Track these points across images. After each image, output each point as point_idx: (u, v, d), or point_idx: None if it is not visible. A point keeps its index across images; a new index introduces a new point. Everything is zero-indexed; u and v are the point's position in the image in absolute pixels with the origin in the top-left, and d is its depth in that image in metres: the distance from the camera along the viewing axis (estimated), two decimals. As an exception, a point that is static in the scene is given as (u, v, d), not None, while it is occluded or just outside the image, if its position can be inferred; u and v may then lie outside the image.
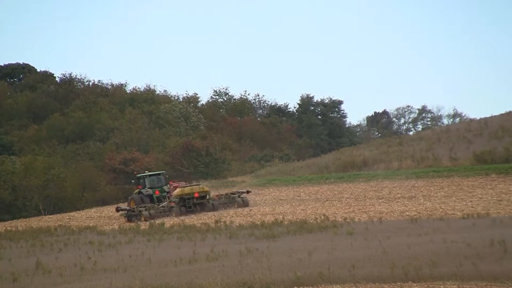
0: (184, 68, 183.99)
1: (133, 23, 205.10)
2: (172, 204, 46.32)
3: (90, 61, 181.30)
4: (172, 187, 49.54)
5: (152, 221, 42.18)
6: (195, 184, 49.36)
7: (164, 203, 47.90)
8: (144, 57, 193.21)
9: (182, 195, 46.16)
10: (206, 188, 47.92)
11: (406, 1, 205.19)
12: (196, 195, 46.25)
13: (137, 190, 51.48)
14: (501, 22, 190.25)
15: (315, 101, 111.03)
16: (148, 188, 50.92)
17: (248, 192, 49.16)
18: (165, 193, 50.03)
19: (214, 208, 46.04)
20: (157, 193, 50.48)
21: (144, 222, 43.31)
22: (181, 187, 47.53)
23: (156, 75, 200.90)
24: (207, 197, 47.09)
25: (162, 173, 53.73)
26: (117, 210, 47.92)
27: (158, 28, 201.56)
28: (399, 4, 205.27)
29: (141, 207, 46.36)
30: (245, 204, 46.84)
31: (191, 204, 45.98)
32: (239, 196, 47.74)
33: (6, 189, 62.10)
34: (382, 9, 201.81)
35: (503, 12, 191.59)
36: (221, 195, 48.97)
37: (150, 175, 52.45)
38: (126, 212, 46.97)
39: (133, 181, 54.00)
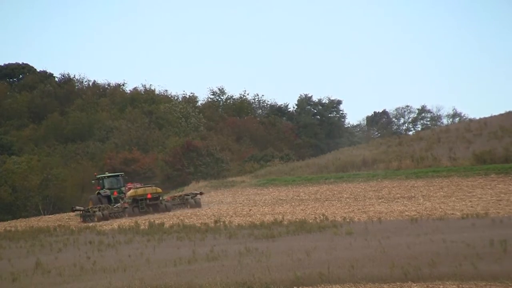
0: (183, 68, 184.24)
1: (132, 23, 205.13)
2: (126, 205, 47.53)
3: (88, 61, 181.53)
4: (127, 188, 50.23)
5: (146, 220, 42.23)
6: (148, 185, 50.26)
7: (118, 204, 49.03)
8: (142, 57, 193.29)
9: (135, 196, 47.53)
10: (159, 190, 49.33)
11: (405, 0, 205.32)
12: (149, 196, 47.64)
13: (97, 191, 52.14)
14: (501, 21, 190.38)
15: (313, 101, 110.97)
16: (107, 189, 51.88)
17: (201, 193, 51.08)
18: (123, 194, 50.85)
19: (167, 209, 47.52)
20: (115, 194, 51.45)
21: (97, 222, 44.50)
22: (134, 188, 48.56)
23: (154, 75, 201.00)
24: (160, 198, 48.58)
25: (121, 174, 54.90)
26: (73, 210, 48.82)
27: (156, 28, 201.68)
28: (398, 4, 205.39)
29: (95, 208, 47.27)
30: (197, 205, 48.44)
31: (144, 205, 47.25)
32: (192, 198, 49.35)
33: (6, 190, 62.11)
34: (381, 8, 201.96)
35: (503, 12, 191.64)
36: (175, 196, 51.16)
37: (109, 176, 53.46)
38: (81, 212, 47.85)
39: (93, 181, 54.87)
